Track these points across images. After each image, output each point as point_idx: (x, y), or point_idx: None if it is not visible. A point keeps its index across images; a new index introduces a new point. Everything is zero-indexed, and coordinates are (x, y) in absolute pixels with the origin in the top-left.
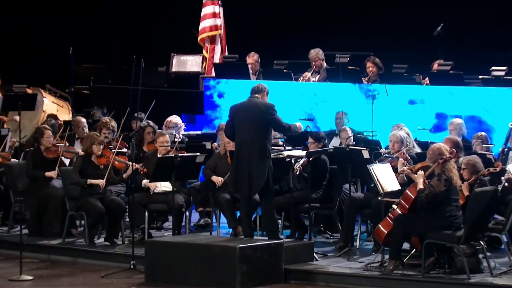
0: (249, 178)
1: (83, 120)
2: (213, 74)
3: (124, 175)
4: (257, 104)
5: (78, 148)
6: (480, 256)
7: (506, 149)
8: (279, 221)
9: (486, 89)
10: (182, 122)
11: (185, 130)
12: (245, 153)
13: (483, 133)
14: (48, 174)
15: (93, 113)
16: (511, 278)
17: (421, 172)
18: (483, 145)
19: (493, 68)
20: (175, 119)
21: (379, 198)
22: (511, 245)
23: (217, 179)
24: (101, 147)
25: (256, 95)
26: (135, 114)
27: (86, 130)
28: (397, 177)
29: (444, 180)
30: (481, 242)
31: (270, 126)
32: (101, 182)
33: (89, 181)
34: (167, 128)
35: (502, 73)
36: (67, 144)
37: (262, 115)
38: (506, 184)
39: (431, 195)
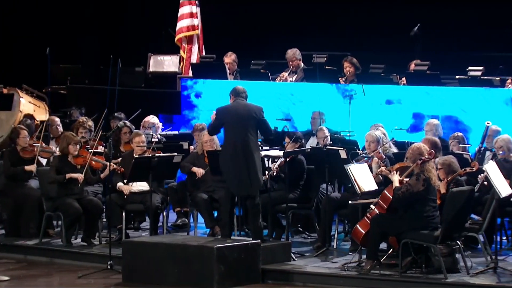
0: (249, 177)
1: (57, 119)
2: (190, 74)
3: (102, 175)
4: (249, 106)
5: (53, 147)
6: (457, 255)
7: (482, 148)
8: None
9: (462, 89)
10: (160, 122)
11: (162, 130)
12: (240, 153)
13: (459, 133)
14: (27, 168)
15: (71, 113)
16: (487, 277)
17: (394, 173)
18: (460, 145)
19: (470, 68)
20: (152, 119)
21: (350, 202)
22: (488, 244)
23: (198, 170)
24: (78, 147)
25: (243, 99)
26: (115, 114)
27: (60, 129)
28: (374, 177)
29: (423, 180)
30: (458, 241)
31: (258, 127)
32: (79, 176)
33: (68, 175)
34: (144, 128)
35: (479, 73)
36: (43, 144)
37: (255, 116)
38: (485, 182)
39: (408, 193)
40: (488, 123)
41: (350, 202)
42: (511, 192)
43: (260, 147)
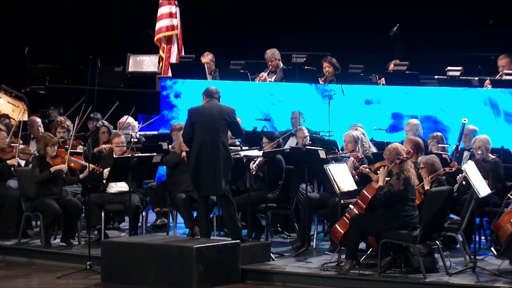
0: (214, 177)
1: (38, 120)
2: (170, 74)
3: (81, 176)
4: (221, 106)
5: (33, 147)
6: (436, 255)
7: (459, 147)
8: None
9: (441, 89)
10: (138, 122)
11: (140, 130)
12: (209, 152)
13: (438, 133)
14: (10, 162)
15: (49, 113)
16: (466, 277)
17: (383, 170)
18: (439, 145)
19: (449, 68)
20: (127, 119)
21: (337, 199)
22: (467, 244)
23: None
24: (55, 148)
25: (215, 100)
26: (91, 115)
27: (41, 129)
28: (353, 177)
29: (403, 180)
30: (437, 241)
31: (229, 128)
32: (63, 166)
33: (53, 168)
34: (121, 129)
35: (458, 73)
36: (21, 142)
37: (226, 117)
38: (464, 182)
39: (390, 193)
40: (464, 120)
41: (337, 199)
42: (490, 192)
43: (239, 147)
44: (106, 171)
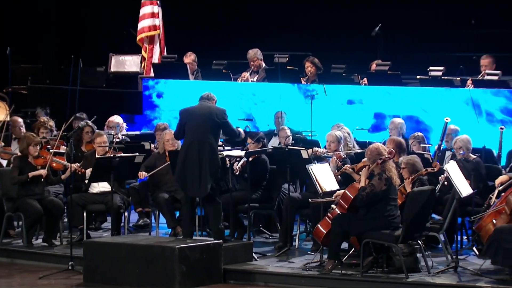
0: (200, 179)
1: (20, 120)
2: (152, 74)
3: (63, 176)
4: (210, 107)
5: (15, 148)
6: (418, 255)
7: (441, 146)
8: None
9: (423, 89)
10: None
11: (126, 130)
12: (195, 153)
13: (419, 133)
14: None
15: (36, 114)
16: (448, 277)
17: (365, 170)
18: (420, 145)
19: (431, 68)
20: (116, 119)
21: (310, 200)
22: (449, 244)
23: (141, 174)
24: (38, 148)
25: (207, 101)
26: (77, 114)
27: (23, 130)
28: (336, 177)
29: (385, 180)
30: (419, 241)
31: (221, 129)
32: (43, 171)
33: (31, 173)
34: (109, 128)
35: (439, 73)
36: (3, 144)
37: (216, 117)
38: (446, 182)
39: (372, 193)
40: (447, 120)
41: (310, 200)
42: (472, 192)
43: (222, 147)
44: (88, 171)
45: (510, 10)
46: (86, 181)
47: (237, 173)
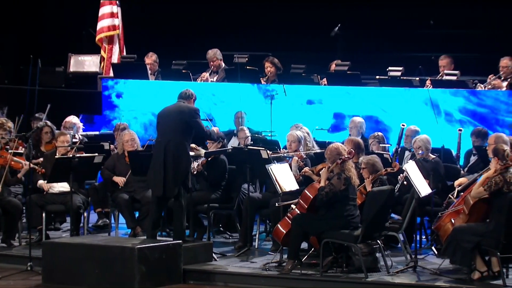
0: (165, 178)
1: None
2: (111, 74)
3: (19, 175)
4: (181, 107)
5: None
6: (377, 255)
7: (399, 149)
8: None
9: (383, 89)
10: (80, 122)
11: (83, 130)
12: (161, 153)
13: (379, 133)
14: None
15: None
16: (407, 276)
17: (325, 170)
18: (380, 144)
19: (390, 68)
20: (73, 119)
21: (276, 204)
22: (408, 243)
23: (119, 179)
24: None
25: (183, 100)
26: (36, 115)
27: None
28: (297, 179)
29: (344, 179)
30: (378, 241)
31: (191, 129)
32: None
33: None
34: (65, 129)
35: (399, 73)
36: None
37: (184, 117)
38: (405, 182)
39: (331, 193)
40: (403, 125)
41: (276, 204)
42: (431, 191)
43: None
44: (43, 183)
45: (468, 10)
46: (45, 182)
47: (195, 172)
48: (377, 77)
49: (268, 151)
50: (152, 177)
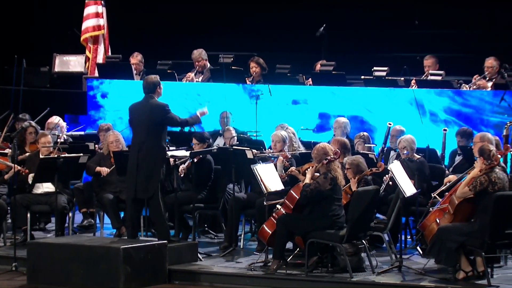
0: (136, 180)
1: None
2: (96, 74)
3: (6, 176)
4: (149, 106)
5: None
6: (363, 255)
7: (385, 148)
8: None
9: (368, 89)
10: (65, 122)
11: (67, 130)
12: (134, 154)
13: (365, 133)
14: None
15: None
16: (392, 276)
17: (311, 169)
18: (365, 145)
19: (375, 68)
20: (56, 119)
21: (265, 203)
22: (393, 243)
23: (102, 169)
24: None
25: (151, 94)
26: (20, 116)
27: None
28: (281, 177)
29: (330, 179)
30: (363, 241)
31: (165, 126)
32: None
33: None
34: (49, 130)
35: (384, 73)
36: None
37: (155, 117)
38: (390, 182)
39: (316, 190)
40: (389, 124)
41: (265, 203)
42: (416, 191)
43: (167, 147)
44: (30, 176)
45: (453, 10)
46: (30, 182)
47: (182, 175)
48: (362, 77)
49: (253, 151)
50: (126, 179)
